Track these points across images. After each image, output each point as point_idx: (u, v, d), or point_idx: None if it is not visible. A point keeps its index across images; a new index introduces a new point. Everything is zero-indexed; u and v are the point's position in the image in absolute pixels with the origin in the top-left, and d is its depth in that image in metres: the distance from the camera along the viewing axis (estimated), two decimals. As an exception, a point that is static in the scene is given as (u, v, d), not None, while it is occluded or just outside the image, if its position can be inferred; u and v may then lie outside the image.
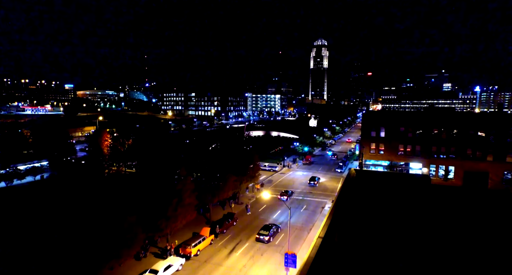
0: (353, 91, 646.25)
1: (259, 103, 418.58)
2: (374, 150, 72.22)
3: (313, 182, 67.07)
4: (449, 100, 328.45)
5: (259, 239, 40.07)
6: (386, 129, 70.83)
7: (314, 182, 67.12)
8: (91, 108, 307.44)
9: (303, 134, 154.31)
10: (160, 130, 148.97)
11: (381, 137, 71.38)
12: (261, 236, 40.18)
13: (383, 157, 71.25)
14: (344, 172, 79.72)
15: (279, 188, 65.27)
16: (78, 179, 64.32)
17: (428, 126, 66.64)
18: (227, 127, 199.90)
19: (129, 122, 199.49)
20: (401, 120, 69.80)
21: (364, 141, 73.62)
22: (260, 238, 40.06)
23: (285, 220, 47.36)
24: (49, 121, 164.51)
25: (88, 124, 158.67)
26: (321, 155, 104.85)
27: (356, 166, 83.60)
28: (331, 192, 62.47)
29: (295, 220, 47.45)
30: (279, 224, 45.75)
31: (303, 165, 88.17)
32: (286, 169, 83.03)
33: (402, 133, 69.09)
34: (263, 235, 40.24)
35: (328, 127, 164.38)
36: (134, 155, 70.39)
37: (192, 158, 64.13)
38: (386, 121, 71.24)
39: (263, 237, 39.99)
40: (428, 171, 66.73)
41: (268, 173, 78.65)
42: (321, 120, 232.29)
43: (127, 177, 66.98)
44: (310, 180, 67.96)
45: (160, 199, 32.24)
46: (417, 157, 67.90)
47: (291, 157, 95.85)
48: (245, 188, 59.16)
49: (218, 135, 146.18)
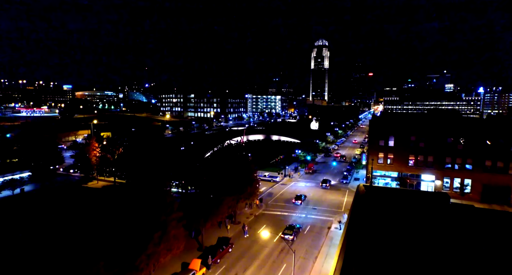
0: (354, 91, 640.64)
1: (259, 104, 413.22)
2: (382, 160, 66.95)
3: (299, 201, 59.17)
4: (452, 102, 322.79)
5: (284, 238, 43.30)
6: (395, 137, 65.54)
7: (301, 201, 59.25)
8: (89, 110, 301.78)
9: (304, 137, 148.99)
10: (155, 135, 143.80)
11: (390, 146, 66.11)
12: (286, 235, 43.90)
13: (392, 168, 65.97)
14: (350, 182, 74.37)
15: (280, 202, 59.97)
16: (58, 196, 59.30)
17: (441, 134, 61.32)
18: (227, 129, 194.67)
19: (126, 124, 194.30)
20: (412, 128, 64.42)
21: (371, 150, 68.34)
22: (285, 237, 43.50)
23: (287, 246, 42.11)
24: (40, 125, 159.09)
25: (82, 128, 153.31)
26: (324, 162, 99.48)
27: (362, 176, 78.30)
28: (337, 208, 57.17)
29: (298, 245, 42.17)
30: (281, 250, 40.63)
31: (305, 174, 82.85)
32: (288, 179, 77.74)
33: (413, 142, 63.79)
34: (287, 234, 43.97)
35: (331, 131, 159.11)
36: (123, 166, 65.22)
37: (185, 170, 58.96)
38: (395, 129, 65.92)
39: (288, 236, 43.64)
40: (442, 184, 61.44)
41: (269, 183, 73.38)
42: (322, 122, 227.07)
43: (114, 191, 61.75)
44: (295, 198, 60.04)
45: (139, 233, 27.03)
46: (429, 169, 62.60)
47: (293, 165, 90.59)
48: (243, 206, 53.99)
49: (216, 139, 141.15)
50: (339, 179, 77.45)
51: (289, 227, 45.84)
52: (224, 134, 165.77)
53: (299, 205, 58.21)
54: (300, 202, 58.27)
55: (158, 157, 64.37)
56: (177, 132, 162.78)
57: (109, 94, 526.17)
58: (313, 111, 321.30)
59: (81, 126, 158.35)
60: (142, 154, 65.16)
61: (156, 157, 64.63)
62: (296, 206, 57.61)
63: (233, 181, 44.51)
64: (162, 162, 61.96)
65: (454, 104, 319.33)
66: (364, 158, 67.71)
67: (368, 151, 70.01)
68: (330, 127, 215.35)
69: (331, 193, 66.64)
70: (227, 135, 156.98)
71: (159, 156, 65.56)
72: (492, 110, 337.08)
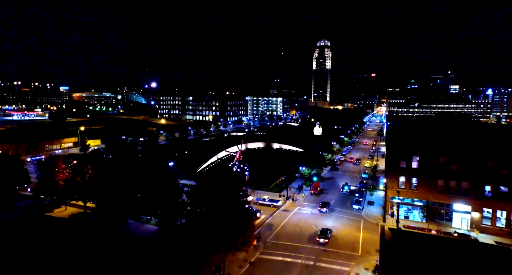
0: (356, 92, 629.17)
1: (260, 106, 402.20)
2: (404, 185, 55.89)
3: (323, 238, 47.64)
4: (461, 104, 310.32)
5: (319, 242, 46.75)
6: (420, 158, 54.47)
7: (325, 237, 47.83)
8: (83, 112, 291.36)
9: (307, 145, 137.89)
10: (147, 143, 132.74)
11: (414, 168, 55.04)
12: (321, 238, 46.99)
13: (417, 195, 54.88)
14: (363, 208, 63.23)
15: (283, 239, 48.96)
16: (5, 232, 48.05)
17: (479, 155, 50.26)
18: (225, 135, 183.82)
19: (120, 129, 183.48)
20: (440, 147, 53.30)
21: (390, 172, 57.27)
22: (320, 241, 46.81)
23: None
24: (23, 131, 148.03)
25: (69, 134, 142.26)
26: (330, 178, 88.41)
27: (378, 199, 67.16)
28: (352, 250, 46.08)
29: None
30: None
31: (310, 195, 71.85)
32: (290, 202, 66.75)
33: (443, 164, 52.70)
34: (322, 238, 47.01)
35: (335, 138, 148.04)
36: (93, 191, 54.39)
37: (164, 200, 48.07)
38: (419, 148, 54.85)
39: (323, 240, 46.78)
40: (481, 217, 50.29)
41: (268, 209, 62.42)
42: (326, 127, 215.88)
43: (81, 224, 50.88)
44: (320, 234, 48.42)
45: None
46: (463, 197, 51.50)
47: (296, 183, 79.61)
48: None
49: (213, 147, 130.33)
50: (350, 202, 66.44)
51: (323, 231, 48.01)
52: (222, 141, 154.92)
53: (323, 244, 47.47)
54: (325, 240, 47.42)
55: (135, 179, 53.37)
56: (172, 138, 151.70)
57: (107, 95, 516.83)
58: (315, 113, 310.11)
59: (68, 133, 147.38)
60: (116, 176, 54.21)
61: (133, 179, 53.64)
62: (304, 246, 46.63)
63: (222, 229, 33.59)
64: (138, 186, 51.01)
65: (462, 106, 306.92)
66: (382, 181, 56.79)
67: (386, 172, 58.91)
68: (334, 132, 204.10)
69: (342, 223, 55.54)
70: (225, 142, 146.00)
71: (136, 177, 54.54)
72: (501, 112, 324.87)
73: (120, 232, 49.72)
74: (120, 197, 48.88)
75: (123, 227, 50.92)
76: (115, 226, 49.65)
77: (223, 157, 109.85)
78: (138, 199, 50.20)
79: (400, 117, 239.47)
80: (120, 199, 49.14)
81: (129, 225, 52.47)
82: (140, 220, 55.18)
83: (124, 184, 50.76)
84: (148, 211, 49.74)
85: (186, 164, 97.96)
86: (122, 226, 50.89)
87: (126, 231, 50.51)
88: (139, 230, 52.11)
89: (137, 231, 51.43)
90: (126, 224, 51.64)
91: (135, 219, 54.48)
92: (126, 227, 51.56)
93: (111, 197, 49.58)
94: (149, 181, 51.20)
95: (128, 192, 50.05)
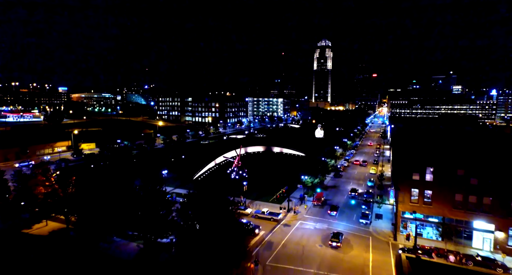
0: (357, 93, 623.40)
1: (260, 107, 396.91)
2: (417, 199, 50.71)
3: (336, 242, 48.52)
4: (465, 105, 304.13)
5: (332, 245, 47.53)
6: (435, 170, 49.32)
7: (337, 241, 48.61)
8: (81, 113, 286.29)
9: (309, 148, 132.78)
10: (142, 148, 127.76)
11: (428, 181, 49.90)
12: (333, 242, 47.76)
13: (431, 210, 49.68)
14: (371, 222, 58.02)
15: (283, 263, 43.82)
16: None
17: (505, 167, 45.07)
18: (224, 137, 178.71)
19: (117, 131, 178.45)
20: (458, 157, 48.13)
21: (402, 184, 52.11)
22: (333, 244, 47.58)
23: None
24: (14, 134, 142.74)
25: (62, 138, 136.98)
26: (334, 186, 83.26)
27: (386, 212, 61.98)
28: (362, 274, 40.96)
29: None
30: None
31: (313, 207, 66.72)
32: (292, 215, 61.61)
33: (461, 177, 47.54)
34: (335, 242, 47.80)
35: (337, 141, 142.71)
36: (75, 205, 49.32)
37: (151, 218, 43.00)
38: (434, 158, 49.68)
39: (336, 243, 47.56)
40: (506, 237, 45.04)
41: (268, 223, 57.31)
42: (327, 128, 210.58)
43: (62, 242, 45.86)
44: (332, 238, 49.51)
45: None
46: (485, 214, 46.29)
47: (298, 192, 74.57)
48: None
49: (212, 150, 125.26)
50: (356, 216, 61.27)
51: (335, 235, 48.96)
52: (221, 144, 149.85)
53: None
54: (337, 244, 48.31)
55: (119, 193, 48.24)
56: (169, 142, 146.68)
57: (106, 96, 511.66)
58: (316, 115, 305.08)
59: (62, 136, 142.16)
60: (99, 189, 49.09)
61: (118, 192, 48.52)
62: (308, 271, 41.53)
63: (214, 257, 28.52)
64: (123, 201, 45.89)
65: (466, 108, 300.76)
66: (392, 195, 51.52)
67: (397, 185, 53.67)
68: (336, 134, 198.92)
69: (349, 242, 50.27)
70: (224, 145, 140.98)
71: (122, 190, 49.41)
72: (506, 113, 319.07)
73: (100, 252, 44.74)
74: (102, 213, 43.84)
75: (106, 246, 45.96)
76: (96, 245, 44.69)
77: (221, 162, 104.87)
78: (122, 216, 45.13)
79: (403, 119, 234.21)
80: (101, 215, 44.13)
81: (113, 244, 47.48)
82: (127, 237, 50.12)
83: (107, 199, 45.70)
84: (133, 228, 44.73)
85: (182, 170, 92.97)
86: (106, 245, 45.95)
87: (106, 251, 45.49)
88: (120, 250, 47.00)
89: (118, 251, 46.36)
90: (110, 242, 46.71)
91: (122, 236, 49.51)
92: (110, 246, 46.57)
93: (92, 213, 44.58)
94: (136, 195, 46.12)
95: (111, 207, 44.99)
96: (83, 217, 44.70)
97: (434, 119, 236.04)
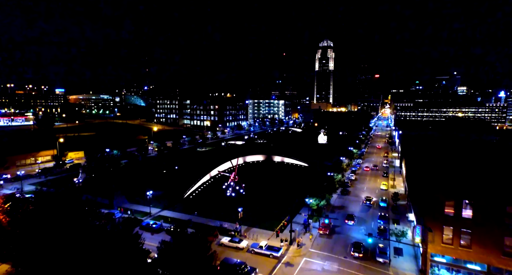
0: (359, 94, 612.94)
1: (261, 109, 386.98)
2: (450, 240, 40.77)
3: (357, 252, 49.41)
4: (473, 108, 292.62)
5: (353, 256, 48.43)
6: (475, 203, 39.39)
7: (359, 251, 49.42)
8: (76, 116, 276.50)
9: (312, 156, 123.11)
10: (132, 157, 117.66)
11: (466, 218, 39.96)
12: (355, 253, 48.67)
13: (471, 255, 39.72)
14: (390, 260, 48.18)
15: None
16: None
17: None
18: (222, 143, 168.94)
19: (109, 137, 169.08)
20: (508, 187, 38.17)
21: (429, 220, 42.18)
22: (355, 255, 48.47)
23: None
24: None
25: (48, 146, 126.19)
26: (342, 206, 73.46)
27: (406, 247, 51.98)
28: None
29: None
30: None
31: (319, 236, 56.88)
32: (295, 250, 51.80)
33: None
34: (356, 252, 48.76)
35: (342, 150, 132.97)
36: (22, 246, 39.65)
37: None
38: (474, 187, 39.72)
39: (357, 254, 48.47)
40: None
41: (266, 262, 47.60)
42: (330, 132, 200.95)
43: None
44: (354, 248, 49.68)
45: None
46: (541, 263, 36.37)
47: (301, 216, 64.79)
48: None
49: (208, 159, 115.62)
50: (370, 250, 51.44)
51: (357, 246, 49.78)
52: (218, 152, 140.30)
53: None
54: (359, 255, 49.14)
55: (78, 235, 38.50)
56: (163, 149, 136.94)
57: (105, 98, 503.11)
58: (319, 117, 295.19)
59: (48, 144, 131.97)
60: (52, 229, 39.40)
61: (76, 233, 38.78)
62: None
63: None
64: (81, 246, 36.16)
65: (475, 110, 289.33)
66: (418, 232, 41.69)
67: (422, 217, 43.66)
68: (339, 139, 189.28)
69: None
70: (222, 153, 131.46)
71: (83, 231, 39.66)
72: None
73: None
74: (50, 262, 34.13)
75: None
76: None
77: (216, 175, 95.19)
78: (79, 266, 35.41)
79: (410, 123, 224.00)
80: (49, 264, 34.44)
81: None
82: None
83: (59, 243, 35.95)
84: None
85: (172, 185, 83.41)
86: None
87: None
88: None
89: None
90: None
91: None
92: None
93: (39, 261, 34.90)
94: (100, 238, 36.35)
95: (64, 254, 35.26)
96: (25, 266, 34.96)
97: (441, 122, 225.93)
